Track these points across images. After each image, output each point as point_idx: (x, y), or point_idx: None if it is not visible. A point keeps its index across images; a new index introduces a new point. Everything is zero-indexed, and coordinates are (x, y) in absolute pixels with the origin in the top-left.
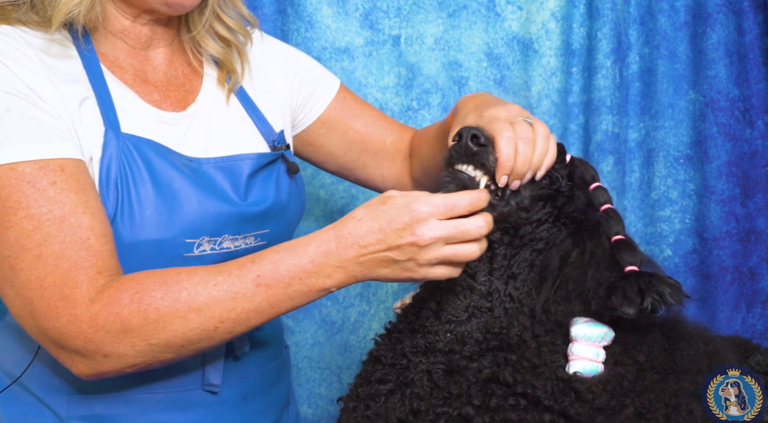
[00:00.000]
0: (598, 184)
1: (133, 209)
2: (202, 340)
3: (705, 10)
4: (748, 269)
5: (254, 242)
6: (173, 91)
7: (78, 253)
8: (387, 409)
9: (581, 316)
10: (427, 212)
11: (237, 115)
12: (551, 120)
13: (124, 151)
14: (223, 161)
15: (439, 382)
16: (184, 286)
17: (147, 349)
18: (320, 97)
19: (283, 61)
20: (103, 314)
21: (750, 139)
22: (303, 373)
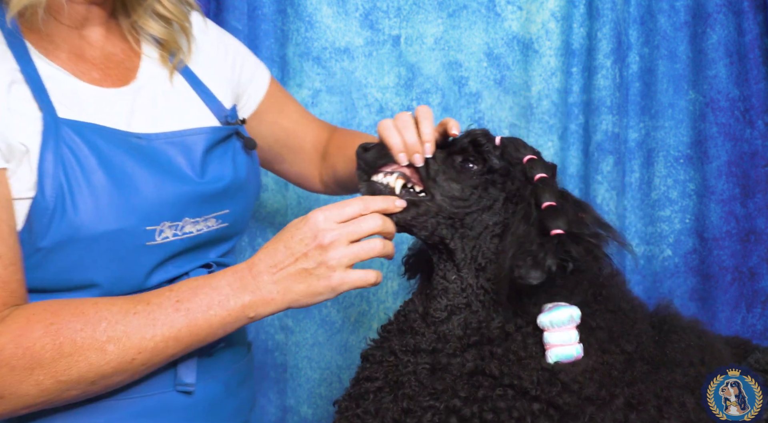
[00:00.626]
0: (531, 157)
1: (86, 200)
2: (117, 373)
3: (705, 10)
4: (748, 269)
5: (216, 224)
6: (113, 68)
7: None
8: (382, 409)
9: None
10: (322, 218)
11: (183, 91)
12: (551, 120)
13: (65, 139)
14: (176, 136)
15: (425, 380)
16: (104, 316)
17: (53, 387)
18: (256, 89)
19: (224, 47)
20: (10, 349)
21: (750, 139)
22: (303, 373)
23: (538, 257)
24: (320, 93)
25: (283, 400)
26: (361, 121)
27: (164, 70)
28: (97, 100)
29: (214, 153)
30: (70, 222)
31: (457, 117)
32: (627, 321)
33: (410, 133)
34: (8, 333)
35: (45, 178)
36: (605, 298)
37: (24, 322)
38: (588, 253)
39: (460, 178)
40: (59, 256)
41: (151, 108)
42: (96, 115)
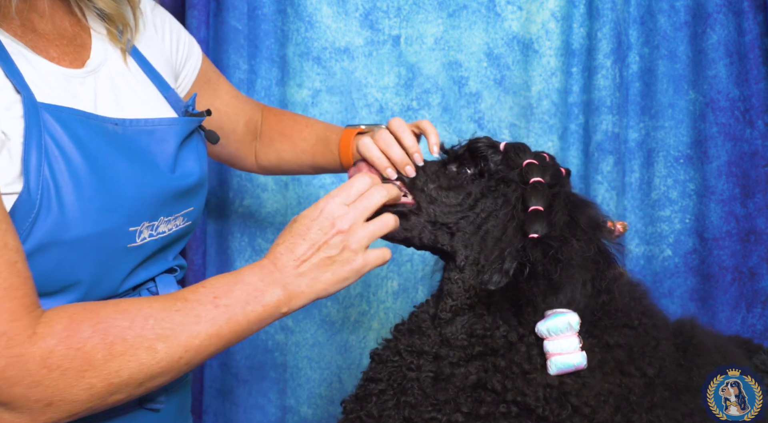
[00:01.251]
0: (529, 161)
1: (72, 199)
2: (163, 373)
3: (705, 10)
4: (748, 269)
5: (182, 223)
6: (67, 44)
7: (9, 279)
8: (384, 415)
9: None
10: (333, 205)
11: (138, 76)
12: (551, 120)
13: (47, 127)
14: (148, 124)
15: (428, 389)
16: (149, 313)
17: (103, 391)
18: (192, 69)
19: (161, 23)
20: (61, 350)
21: (750, 139)
22: (303, 373)
23: (503, 262)
24: (320, 93)
25: (283, 400)
26: (361, 121)
27: (115, 49)
28: (62, 81)
29: (184, 148)
30: (55, 222)
31: (457, 117)
32: (649, 340)
33: (395, 149)
34: (55, 334)
35: (30, 171)
36: (624, 311)
37: (68, 322)
38: (545, 256)
39: (452, 184)
40: (40, 260)
41: (113, 92)
42: (67, 98)
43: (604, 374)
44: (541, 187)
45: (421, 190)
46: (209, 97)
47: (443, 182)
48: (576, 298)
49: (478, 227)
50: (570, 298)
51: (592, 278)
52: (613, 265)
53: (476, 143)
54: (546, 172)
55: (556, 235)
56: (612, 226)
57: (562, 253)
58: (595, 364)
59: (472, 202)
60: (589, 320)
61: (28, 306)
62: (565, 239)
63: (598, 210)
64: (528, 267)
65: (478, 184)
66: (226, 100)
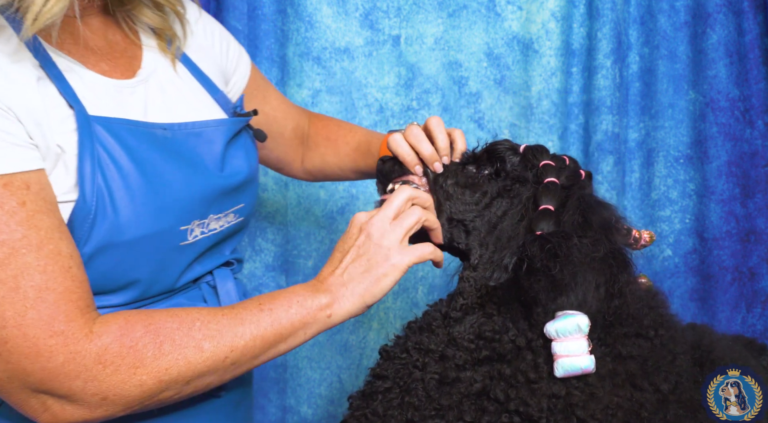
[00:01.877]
0: (546, 162)
1: (125, 203)
2: (210, 372)
3: (705, 10)
4: (748, 269)
5: (234, 219)
6: (118, 57)
7: (64, 284)
8: (387, 415)
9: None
10: (365, 214)
11: (188, 81)
12: (551, 120)
13: (99, 138)
14: (196, 127)
15: (432, 392)
16: (196, 317)
17: (154, 387)
18: (241, 77)
19: (211, 33)
20: (115, 348)
21: (750, 139)
22: (303, 373)
23: (504, 259)
24: (320, 93)
25: (283, 400)
26: (361, 121)
27: (165, 58)
28: (112, 92)
29: (232, 146)
30: (111, 226)
31: (457, 117)
32: (666, 354)
33: (426, 145)
34: (110, 333)
35: (85, 181)
36: (637, 318)
37: (123, 322)
38: (542, 250)
39: (469, 182)
40: (99, 261)
41: (162, 99)
42: (117, 109)
43: (613, 386)
44: (553, 187)
45: (440, 186)
46: (259, 102)
47: (461, 180)
48: (588, 301)
49: (493, 226)
50: (581, 300)
51: (606, 281)
52: (629, 269)
53: (496, 145)
54: (562, 173)
55: (557, 231)
56: (638, 234)
57: (560, 249)
58: (605, 374)
59: (488, 200)
60: (602, 326)
61: (82, 308)
62: (566, 235)
63: (615, 212)
64: (526, 262)
65: (495, 184)
66: (275, 105)
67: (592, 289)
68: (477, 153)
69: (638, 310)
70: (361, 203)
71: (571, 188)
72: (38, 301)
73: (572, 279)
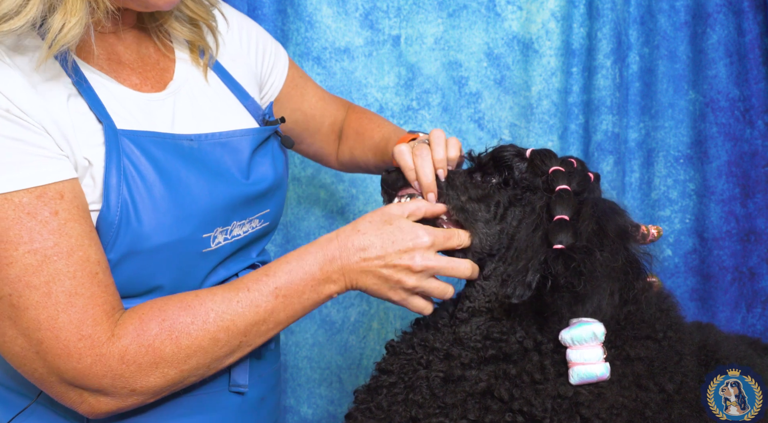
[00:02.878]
0: (556, 168)
1: (148, 213)
2: (227, 356)
3: (705, 10)
4: (748, 269)
5: (259, 224)
6: (150, 70)
7: (91, 289)
8: (392, 411)
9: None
10: (429, 241)
11: (219, 90)
12: (551, 120)
13: (126, 151)
14: (223, 137)
15: (436, 390)
16: (210, 307)
17: (177, 377)
18: (278, 76)
19: (246, 36)
20: (134, 348)
21: (750, 139)
22: (303, 373)
23: (527, 275)
24: None
25: (283, 400)
26: None
27: (197, 69)
28: (142, 105)
29: (258, 154)
30: (134, 235)
31: (457, 117)
32: (672, 355)
33: (427, 168)
34: (128, 334)
35: (110, 192)
36: (648, 323)
37: (138, 322)
38: (566, 268)
39: (480, 194)
40: (124, 267)
41: (191, 110)
42: (145, 122)
43: (621, 388)
44: (566, 196)
45: (459, 210)
46: (297, 100)
47: (473, 193)
48: (603, 308)
49: (511, 239)
50: (596, 307)
51: (620, 288)
52: (643, 275)
53: (501, 152)
54: (573, 179)
55: (580, 246)
56: (645, 230)
57: (584, 266)
58: (615, 378)
59: (502, 211)
60: (613, 330)
61: (108, 311)
62: (589, 251)
63: (628, 218)
64: (550, 280)
65: (505, 193)
66: (312, 102)
67: (607, 296)
68: (483, 159)
69: (651, 314)
70: (361, 203)
71: (582, 194)
72: (68, 305)
73: (594, 292)
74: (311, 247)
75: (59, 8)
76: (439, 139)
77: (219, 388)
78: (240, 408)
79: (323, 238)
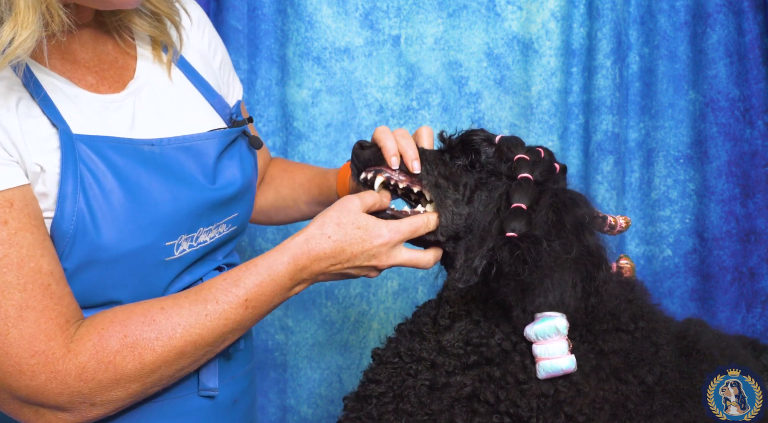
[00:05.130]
0: (520, 156)
1: (107, 222)
2: (190, 366)
3: (705, 10)
4: (748, 269)
5: (226, 229)
6: (107, 69)
7: (43, 302)
8: (382, 420)
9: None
10: (396, 240)
11: (184, 88)
12: (551, 120)
13: (82, 158)
14: (186, 141)
15: (423, 398)
16: (177, 322)
17: (140, 390)
18: (233, 99)
19: (214, 49)
20: (92, 365)
21: (750, 139)
22: (303, 373)
23: (474, 262)
24: (320, 93)
25: (283, 400)
26: (361, 121)
27: (160, 67)
28: (98, 108)
29: (225, 156)
30: (92, 244)
31: (457, 117)
32: (648, 346)
33: (407, 142)
34: (86, 351)
35: (65, 201)
36: (614, 315)
37: (97, 338)
38: (511, 256)
39: (448, 172)
40: (81, 277)
41: (154, 111)
42: (102, 126)
43: (599, 381)
44: (526, 184)
45: (435, 187)
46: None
47: (442, 170)
48: (565, 300)
49: (469, 223)
50: (559, 299)
51: (582, 279)
52: (604, 266)
53: (470, 135)
54: (536, 168)
55: (528, 235)
56: (614, 221)
57: (529, 255)
58: (589, 370)
59: (469, 194)
60: (582, 324)
61: (62, 324)
62: (536, 240)
63: (589, 208)
64: (495, 267)
65: (471, 176)
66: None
67: (569, 288)
68: (452, 142)
69: (615, 307)
70: None
71: (544, 184)
72: (19, 320)
73: (540, 282)
74: (282, 255)
75: (8, 20)
76: (423, 136)
77: (188, 392)
78: (212, 411)
79: (294, 244)
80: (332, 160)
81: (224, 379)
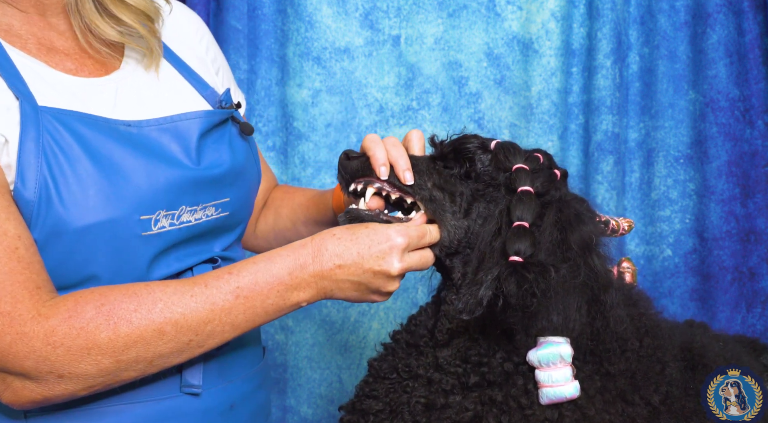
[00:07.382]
0: (519, 167)
1: (72, 191)
2: (172, 354)
3: (705, 10)
4: (748, 269)
5: (215, 213)
6: (87, 58)
7: (9, 265)
8: None
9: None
10: (404, 243)
11: (171, 77)
12: (551, 120)
13: (47, 128)
14: (167, 122)
15: (418, 417)
16: (159, 297)
17: (112, 367)
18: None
19: (212, 55)
20: (63, 329)
21: (750, 139)
22: (303, 373)
23: (480, 289)
24: (320, 93)
25: (283, 400)
26: (361, 121)
27: (146, 71)
28: (76, 89)
29: (210, 138)
30: (56, 215)
31: (457, 117)
32: (654, 364)
33: (399, 152)
34: (57, 314)
35: (26, 169)
36: (623, 341)
37: (72, 304)
38: (519, 288)
39: (443, 183)
40: (52, 248)
41: (136, 96)
42: (78, 104)
43: (605, 403)
44: (527, 199)
45: (429, 201)
46: None
47: (437, 181)
48: (569, 324)
49: (475, 238)
50: (563, 323)
51: (587, 301)
52: (610, 290)
53: (464, 143)
54: (536, 178)
55: (534, 263)
56: (616, 224)
57: (538, 287)
58: (594, 392)
59: (466, 205)
60: (585, 347)
61: (31, 289)
62: (544, 269)
63: (595, 225)
64: (502, 299)
65: (467, 186)
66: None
67: (573, 311)
68: (445, 149)
69: (623, 331)
70: None
71: (546, 194)
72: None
73: (546, 308)
74: (283, 250)
75: None
76: (415, 140)
77: (171, 393)
78: (203, 416)
79: (297, 242)
80: (332, 160)
81: (218, 382)
